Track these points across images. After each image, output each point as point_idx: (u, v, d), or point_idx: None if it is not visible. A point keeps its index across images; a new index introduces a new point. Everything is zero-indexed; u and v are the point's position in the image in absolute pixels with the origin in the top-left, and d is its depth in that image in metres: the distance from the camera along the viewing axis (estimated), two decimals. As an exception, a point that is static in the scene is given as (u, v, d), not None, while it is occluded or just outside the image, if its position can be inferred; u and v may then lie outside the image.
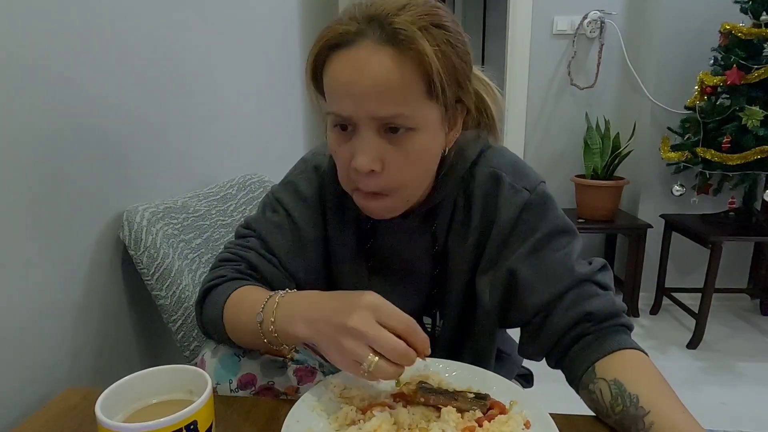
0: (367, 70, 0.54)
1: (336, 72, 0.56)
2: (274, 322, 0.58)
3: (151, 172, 1.02)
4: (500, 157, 0.71)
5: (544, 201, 0.68)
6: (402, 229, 0.72)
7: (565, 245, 0.67)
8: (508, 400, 0.56)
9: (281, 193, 0.75)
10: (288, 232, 0.72)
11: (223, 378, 0.65)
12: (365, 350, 0.50)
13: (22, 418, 0.66)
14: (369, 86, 0.54)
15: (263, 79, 1.70)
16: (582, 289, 0.64)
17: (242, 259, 0.71)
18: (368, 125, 0.56)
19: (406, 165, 0.59)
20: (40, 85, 0.73)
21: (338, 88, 0.56)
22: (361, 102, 0.55)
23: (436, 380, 0.60)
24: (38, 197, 0.73)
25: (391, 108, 0.55)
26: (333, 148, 0.62)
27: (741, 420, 1.73)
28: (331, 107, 0.58)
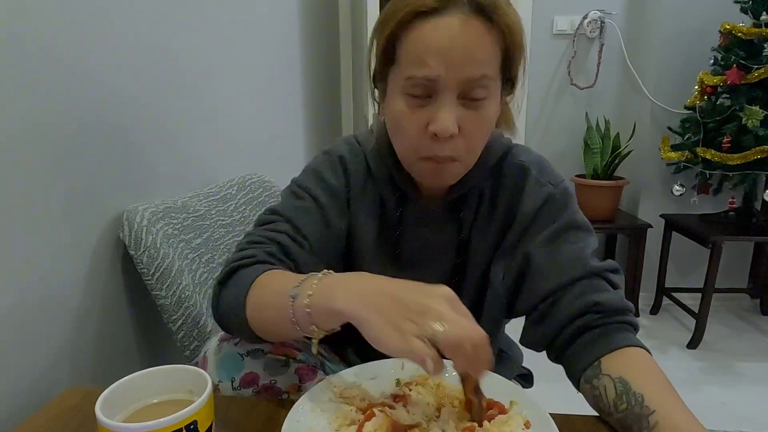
0: (461, 35, 0.57)
1: (427, 36, 0.58)
2: (311, 296, 0.51)
3: (152, 172, 1.02)
4: (528, 154, 0.75)
5: (566, 196, 0.71)
6: (429, 218, 0.74)
7: (582, 240, 0.69)
8: (508, 400, 0.56)
9: (307, 181, 0.73)
10: (316, 216, 0.71)
11: (226, 376, 0.65)
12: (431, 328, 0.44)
13: (22, 418, 0.66)
14: (462, 50, 0.57)
15: (263, 79, 1.70)
16: (593, 281, 0.65)
17: (272, 242, 0.67)
18: (453, 89, 0.59)
19: (477, 131, 0.62)
20: (39, 85, 0.73)
21: (429, 50, 0.58)
22: (454, 65, 0.57)
23: (438, 380, 0.60)
24: (38, 197, 0.73)
25: (479, 68, 0.58)
26: (401, 116, 0.62)
27: (741, 420, 1.73)
28: (416, 70, 0.59)
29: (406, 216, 0.74)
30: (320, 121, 2.46)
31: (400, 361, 0.62)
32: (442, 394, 0.58)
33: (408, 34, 0.59)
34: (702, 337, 2.22)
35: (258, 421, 0.59)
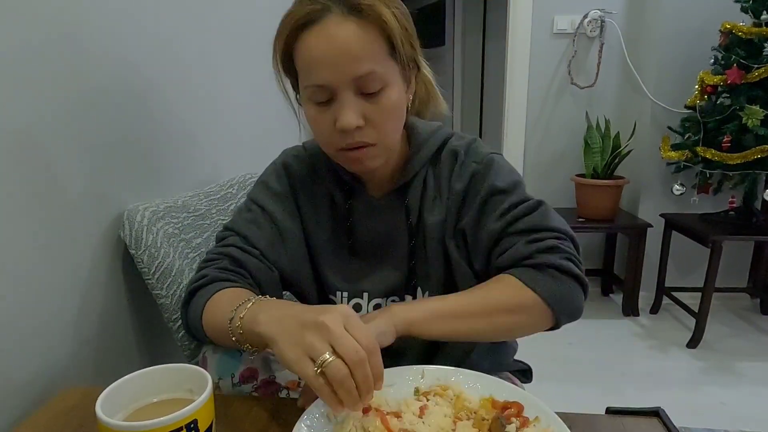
0: (338, 38, 0.60)
1: (310, 46, 0.62)
2: (242, 319, 0.59)
3: (152, 171, 1.02)
4: (461, 139, 0.79)
5: (487, 168, 0.74)
6: (378, 207, 0.78)
7: (499, 204, 0.72)
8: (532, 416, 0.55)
9: (254, 193, 0.80)
10: (265, 225, 0.76)
11: (226, 372, 0.66)
12: (325, 347, 0.48)
13: (22, 418, 0.66)
14: (343, 52, 0.60)
15: (263, 79, 1.69)
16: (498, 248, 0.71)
17: (224, 256, 0.73)
18: (347, 88, 0.62)
19: (383, 118, 0.65)
20: (39, 84, 0.73)
21: (314, 60, 0.62)
22: (338, 67, 0.61)
23: (457, 390, 0.59)
24: (38, 197, 0.73)
25: (364, 66, 0.61)
26: (313, 121, 0.67)
27: (741, 420, 1.72)
28: (309, 80, 0.63)
29: (355, 208, 0.79)
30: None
31: (420, 369, 0.61)
32: (460, 405, 0.57)
33: (297, 47, 0.64)
34: (702, 337, 2.22)
35: (258, 420, 0.59)
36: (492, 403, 0.57)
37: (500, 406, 0.56)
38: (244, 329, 0.58)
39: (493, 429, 0.53)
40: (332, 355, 0.48)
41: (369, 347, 0.49)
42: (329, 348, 0.48)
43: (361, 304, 0.79)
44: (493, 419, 0.54)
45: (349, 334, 0.49)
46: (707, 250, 2.14)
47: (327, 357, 0.48)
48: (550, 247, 0.67)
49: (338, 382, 0.47)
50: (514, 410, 0.55)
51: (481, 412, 0.55)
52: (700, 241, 2.18)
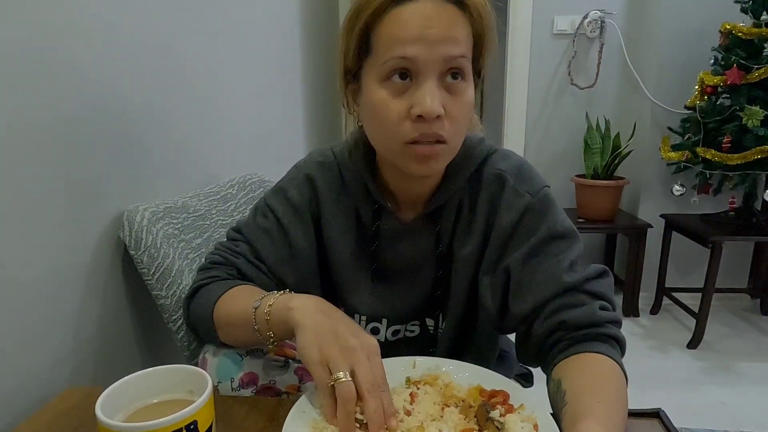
0: (436, 18, 0.58)
1: (403, 19, 0.58)
2: (271, 305, 0.59)
3: (152, 172, 1.02)
4: (506, 160, 0.72)
5: (546, 205, 0.68)
6: (407, 231, 0.73)
7: (561, 251, 0.66)
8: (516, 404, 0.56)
9: (272, 199, 0.76)
10: (277, 238, 0.73)
11: (225, 376, 0.65)
12: (345, 365, 0.51)
13: (22, 418, 0.66)
14: (439, 30, 0.57)
15: (264, 79, 1.70)
16: (565, 298, 0.63)
17: (231, 265, 0.73)
18: (433, 71, 0.58)
19: (460, 114, 0.61)
20: (40, 84, 0.73)
21: (406, 32, 0.58)
22: (433, 44, 0.57)
23: (446, 380, 0.61)
24: (38, 197, 0.73)
25: (458, 48, 0.59)
26: (381, 104, 0.60)
27: (741, 420, 1.72)
28: (394, 52, 0.58)
29: (382, 231, 0.73)
30: (320, 121, 2.46)
31: (411, 360, 0.64)
32: (449, 394, 0.58)
33: (383, 21, 0.59)
34: (702, 337, 2.22)
35: (258, 421, 0.59)
36: (480, 392, 0.58)
37: (487, 395, 0.58)
38: (272, 316, 0.58)
39: (478, 415, 0.54)
40: (348, 377, 0.50)
41: (384, 385, 0.52)
42: (349, 369, 0.51)
43: (380, 329, 0.78)
44: (479, 406, 0.55)
45: None
46: (707, 251, 2.14)
47: (341, 376, 0.50)
48: (617, 321, 0.63)
49: (343, 401, 0.50)
50: (500, 398, 0.56)
51: (468, 400, 0.57)
52: (700, 241, 2.18)
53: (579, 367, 0.58)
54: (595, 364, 0.58)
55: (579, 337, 0.61)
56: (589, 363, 0.59)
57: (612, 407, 0.51)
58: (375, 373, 0.51)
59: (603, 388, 0.54)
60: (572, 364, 0.59)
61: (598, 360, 0.59)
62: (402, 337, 0.79)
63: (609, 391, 0.54)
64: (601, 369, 0.58)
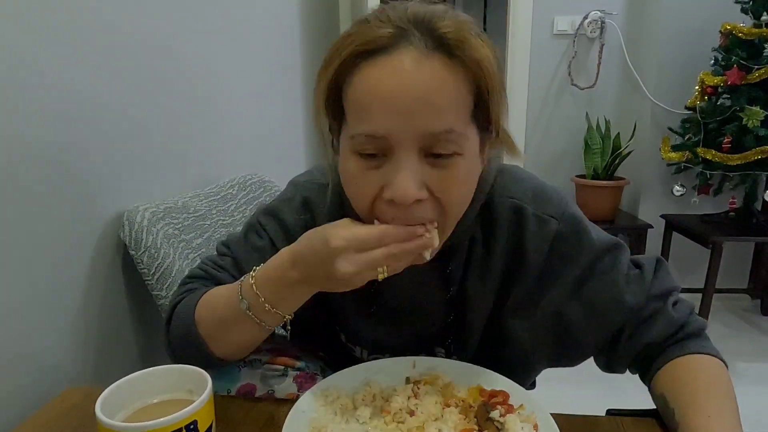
0: (415, 78, 0.46)
1: (372, 82, 0.47)
2: (254, 276, 0.55)
3: (152, 172, 1.02)
4: (518, 183, 0.62)
5: (576, 227, 0.61)
6: (411, 273, 0.57)
7: (610, 268, 0.61)
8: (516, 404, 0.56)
9: (266, 220, 0.68)
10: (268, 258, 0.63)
11: (222, 387, 0.64)
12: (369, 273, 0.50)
13: (22, 418, 0.66)
14: (418, 97, 0.46)
15: (264, 79, 1.70)
16: (636, 318, 0.61)
17: (212, 279, 0.66)
18: (410, 146, 0.47)
19: (451, 192, 0.51)
20: (40, 85, 0.73)
21: (375, 101, 0.47)
22: (408, 116, 0.46)
23: (447, 380, 0.61)
24: (39, 197, 0.73)
25: (443, 122, 0.47)
26: (352, 178, 0.52)
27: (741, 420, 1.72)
28: (361, 127, 0.48)
29: None
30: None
31: (411, 359, 0.63)
32: (449, 394, 0.58)
33: (352, 79, 0.48)
34: (702, 338, 2.22)
35: (258, 421, 0.59)
36: (480, 392, 0.58)
37: (487, 395, 0.58)
38: (258, 283, 0.54)
39: (478, 415, 0.54)
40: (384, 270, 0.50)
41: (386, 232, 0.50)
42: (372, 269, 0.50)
43: None
44: (479, 406, 0.55)
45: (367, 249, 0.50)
46: (707, 251, 2.14)
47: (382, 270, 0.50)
48: (692, 311, 0.61)
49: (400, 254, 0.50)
50: (500, 398, 0.56)
51: (468, 399, 0.57)
52: (701, 241, 2.18)
53: (678, 377, 0.56)
54: (692, 368, 0.56)
55: (669, 347, 0.60)
56: (686, 369, 0.56)
57: (724, 414, 0.50)
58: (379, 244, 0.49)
59: (708, 396, 0.52)
60: (670, 374, 0.57)
61: (694, 362, 0.57)
62: None
63: (715, 398, 0.52)
64: (698, 372, 0.56)
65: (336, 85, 0.50)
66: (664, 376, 0.58)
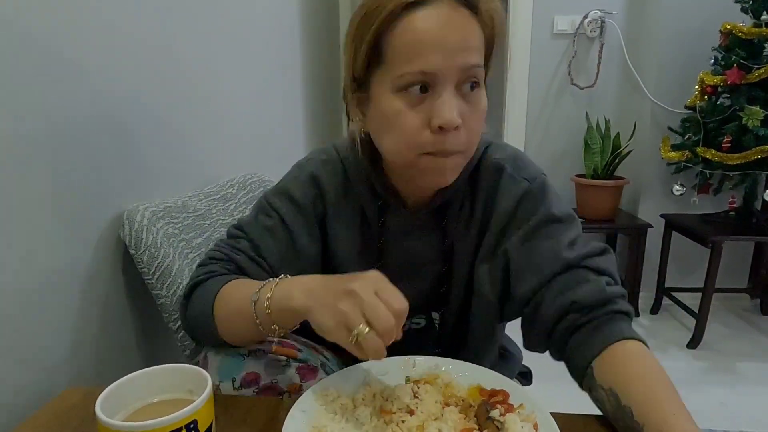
0: (452, 24, 0.56)
1: (419, 27, 0.56)
2: (270, 299, 0.57)
3: (152, 171, 1.02)
4: (503, 150, 0.72)
5: (543, 191, 0.69)
6: (413, 227, 0.72)
7: (559, 233, 0.66)
8: (516, 403, 0.56)
9: (275, 199, 0.74)
10: (281, 237, 0.72)
11: (227, 376, 0.65)
12: (359, 317, 0.49)
13: (22, 418, 0.66)
14: (459, 38, 0.56)
15: (264, 78, 1.70)
16: (569, 275, 0.63)
17: (231, 261, 0.71)
18: (451, 81, 0.57)
19: (476, 122, 0.61)
20: (40, 84, 0.73)
21: (424, 43, 0.56)
22: (452, 53, 0.56)
23: (447, 380, 0.61)
24: (38, 197, 0.73)
25: (475, 56, 0.58)
26: (398, 116, 0.59)
27: (741, 420, 1.72)
28: (410, 66, 0.56)
29: (388, 226, 0.73)
30: (320, 121, 2.46)
31: (411, 359, 0.64)
32: (449, 393, 0.59)
33: (395, 29, 0.57)
34: (702, 337, 2.22)
35: (258, 421, 0.59)
36: (479, 391, 0.58)
37: (487, 394, 0.58)
38: (272, 308, 0.57)
39: (478, 415, 0.54)
40: (366, 326, 0.49)
41: (400, 311, 0.50)
42: (362, 317, 0.49)
43: None
44: (478, 405, 0.55)
45: (380, 299, 0.50)
46: (707, 251, 2.14)
47: (362, 329, 0.49)
48: (624, 295, 0.64)
49: (372, 352, 0.49)
50: (499, 397, 0.57)
51: (468, 399, 0.57)
52: (701, 241, 2.18)
53: (625, 371, 0.56)
54: (637, 358, 0.58)
55: (596, 320, 0.61)
56: (631, 359, 0.57)
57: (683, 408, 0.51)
58: (387, 302, 0.49)
59: (665, 390, 0.53)
60: (615, 365, 0.57)
61: (634, 353, 0.58)
62: (407, 329, 0.78)
63: (670, 391, 0.54)
64: (644, 362, 0.57)
65: (378, 35, 0.58)
66: (607, 367, 0.58)
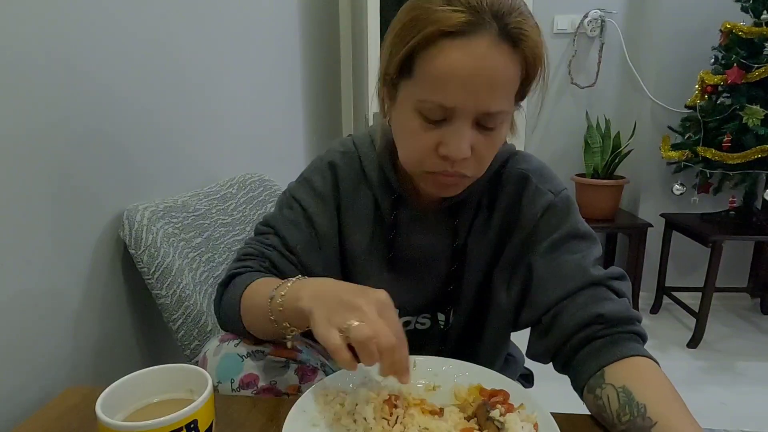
0: (485, 64, 0.54)
1: (451, 60, 0.55)
2: (284, 297, 0.58)
3: (152, 171, 1.02)
4: (528, 161, 0.73)
5: (568, 205, 0.70)
6: (425, 223, 0.74)
7: (583, 249, 0.68)
8: (516, 403, 0.56)
9: (297, 190, 0.76)
10: (304, 228, 0.74)
11: (225, 377, 0.65)
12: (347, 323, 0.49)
13: (22, 418, 0.66)
14: (487, 79, 0.55)
15: (264, 78, 1.70)
16: (595, 291, 0.64)
17: (265, 257, 0.73)
18: (469, 117, 0.57)
19: (489, 152, 0.62)
20: (39, 84, 0.73)
21: (450, 78, 0.55)
22: (476, 95, 0.56)
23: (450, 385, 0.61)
24: (38, 196, 0.73)
25: (499, 103, 0.57)
26: (411, 134, 0.61)
27: (741, 420, 1.73)
28: (433, 95, 0.57)
29: (400, 219, 0.74)
30: (320, 121, 2.46)
31: (411, 359, 0.63)
32: None
33: (430, 52, 0.56)
34: (702, 337, 2.22)
35: (258, 420, 0.59)
36: (480, 391, 0.58)
37: (487, 394, 0.58)
38: (284, 306, 0.58)
39: (478, 415, 0.54)
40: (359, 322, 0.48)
41: (401, 340, 0.49)
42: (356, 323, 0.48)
43: None
44: (478, 406, 0.55)
45: None
46: (707, 250, 2.14)
47: (352, 322, 0.48)
48: (641, 321, 0.64)
49: (360, 343, 0.47)
50: (500, 397, 0.56)
51: (468, 399, 0.57)
52: (701, 240, 2.18)
53: (640, 375, 0.57)
54: (652, 371, 0.57)
55: (618, 335, 0.61)
56: (649, 371, 0.57)
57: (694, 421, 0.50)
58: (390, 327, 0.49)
59: (683, 406, 0.52)
60: (634, 370, 0.57)
61: (651, 366, 0.58)
62: (412, 329, 0.79)
63: (683, 405, 0.53)
64: (660, 376, 0.57)
65: (411, 50, 0.57)
66: (621, 372, 0.58)
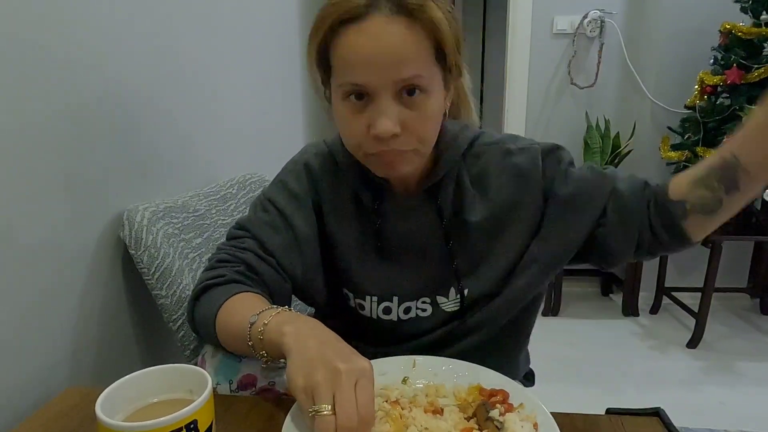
0: (384, 39, 0.58)
1: (351, 44, 0.59)
2: (266, 325, 0.57)
3: (152, 171, 1.02)
4: (497, 135, 0.77)
5: (550, 146, 0.75)
6: (408, 208, 0.74)
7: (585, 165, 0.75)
8: (516, 403, 0.56)
9: (272, 193, 0.76)
10: (282, 230, 0.73)
11: (223, 379, 0.65)
12: (328, 397, 0.47)
13: (22, 418, 0.66)
14: (387, 54, 0.58)
15: (263, 78, 1.70)
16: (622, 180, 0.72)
17: (240, 261, 0.71)
18: (387, 91, 0.60)
19: (422, 125, 0.63)
20: (40, 84, 0.73)
21: (356, 59, 0.59)
22: (381, 69, 0.58)
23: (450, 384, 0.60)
24: (38, 196, 0.73)
25: (409, 69, 0.59)
26: (344, 120, 0.64)
27: (741, 420, 1.73)
28: (346, 77, 0.60)
29: (383, 209, 0.75)
30: (320, 121, 2.46)
31: (411, 359, 0.64)
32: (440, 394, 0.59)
33: (337, 41, 0.61)
34: (702, 337, 2.23)
35: (258, 421, 0.59)
36: (479, 391, 0.58)
37: (487, 394, 0.58)
38: (265, 336, 0.57)
39: (478, 415, 0.54)
40: (329, 410, 0.46)
41: (366, 417, 0.48)
42: (331, 398, 0.47)
43: (391, 308, 0.77)
44: (478, 405, 0.55)
45: (356, 393, 0.48)
46: (707, 250, 2.14)
47: (322, 409, 0.47)
48: None
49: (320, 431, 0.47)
50: (499, 397, 0.57)
51: (468, 398, 0.57)
52: (700, 241, 2.18)
53: None
54: None
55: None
56: None
57: None
58: (359, 402, 0.47)
59: None
60: None
61: None
62: (414, 316, 0.78)
63: None
64: None
65: (324, 45, 0.63)
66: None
